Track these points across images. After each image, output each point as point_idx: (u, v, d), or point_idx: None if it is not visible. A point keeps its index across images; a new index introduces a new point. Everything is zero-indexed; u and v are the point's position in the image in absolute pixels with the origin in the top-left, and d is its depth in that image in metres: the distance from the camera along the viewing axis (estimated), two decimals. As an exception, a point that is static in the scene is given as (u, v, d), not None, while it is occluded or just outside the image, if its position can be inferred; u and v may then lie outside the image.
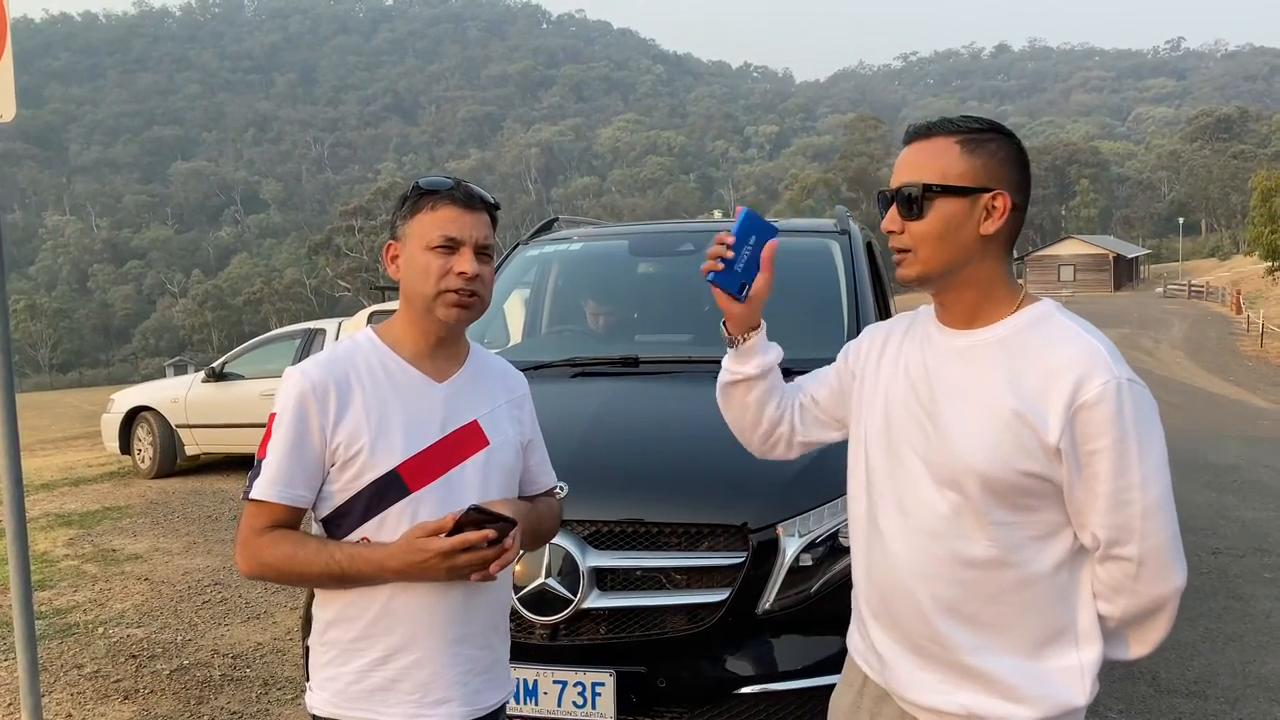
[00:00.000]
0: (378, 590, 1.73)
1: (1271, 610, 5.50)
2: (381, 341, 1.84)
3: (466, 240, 1.78)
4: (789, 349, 1.97)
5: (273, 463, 1.72)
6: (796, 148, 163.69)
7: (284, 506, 1.72)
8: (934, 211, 1.59)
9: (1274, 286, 33.72)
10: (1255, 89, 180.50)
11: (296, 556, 1.70)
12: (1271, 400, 16.46)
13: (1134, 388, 1.52)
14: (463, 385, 1.87)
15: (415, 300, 1.79)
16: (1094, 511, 1.52)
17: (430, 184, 1.82)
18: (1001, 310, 1.63)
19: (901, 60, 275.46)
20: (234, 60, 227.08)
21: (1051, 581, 1.57)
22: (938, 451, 1.60)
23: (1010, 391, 1.54)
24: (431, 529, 1.66)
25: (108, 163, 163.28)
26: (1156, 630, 1.59)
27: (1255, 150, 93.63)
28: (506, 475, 1.89)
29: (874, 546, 1.72)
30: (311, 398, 1.72)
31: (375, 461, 1.73)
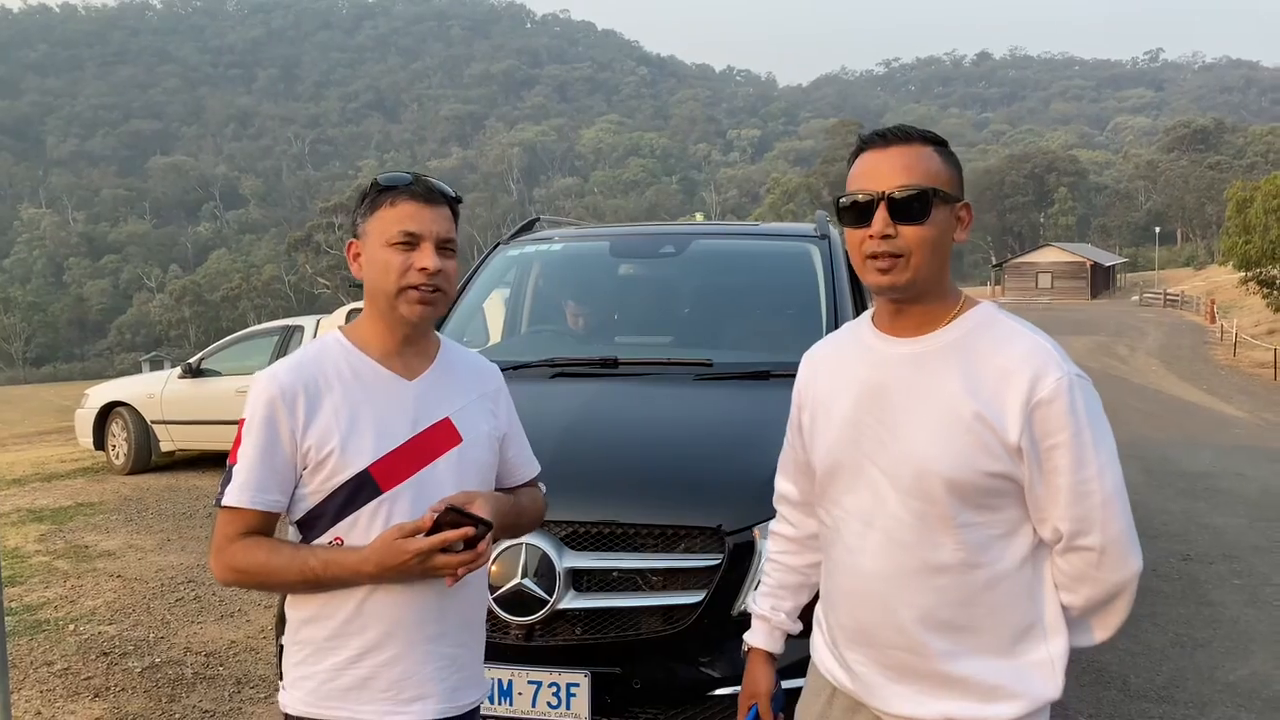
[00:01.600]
0: (353, 590, 1.73)
1: (1240, 616, 5.56)
2: (349, 342, 1.83)
3: (427, 235, 1.76)
4: (768, 351, 1.99)
5: (244, 469, 1.71)
6: (778, 151, 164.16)
7: (257, 512, 1.72)
8: (934, 217, 1.58)
9: (1247, 296, 34.07)
10: (1231, 101, 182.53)
11: (270, 563, 1.70)
12: (1243, 409, 16.64)
13: (1083, 383, 1.55)
14: (433, 382, 1.86)
15: (378, 298, 1.79)
16: (1055, 505, 1.55)
17: (389, 180, 1.81)
18: (945, 315, 1.64)
19: (884, 66, 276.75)
20: (215, 55, 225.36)
21: (1017, 578, 1.60)
22: (899, 461, 1.60)
23: (967, 394, 1.56)
24: (410, 530, 1.65)
25: (85, 156, 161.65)
26: (1117, 614, 1.64)
27: (1231, 161, 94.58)
28: (481, 471, 1.88)
29: (842, 565, 1.72)
30: (280, 402, 1.72)
31: (346, 463, 1.72)
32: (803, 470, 1.85)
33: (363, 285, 1.84)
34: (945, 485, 1.56)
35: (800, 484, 1.89)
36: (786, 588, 1.96)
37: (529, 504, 2.04)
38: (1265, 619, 5.52)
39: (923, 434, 1.58)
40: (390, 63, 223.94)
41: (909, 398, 1.61)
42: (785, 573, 1.96)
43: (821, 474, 1.75)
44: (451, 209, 1.84)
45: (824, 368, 1.80)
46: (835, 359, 1.79)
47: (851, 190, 1.62)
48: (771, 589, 1.98)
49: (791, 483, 1.92)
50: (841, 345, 1.81)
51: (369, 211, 1.80)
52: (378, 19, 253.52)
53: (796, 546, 1.95)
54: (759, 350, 3.80)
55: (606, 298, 4.58)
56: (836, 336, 1.86)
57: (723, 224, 6.22)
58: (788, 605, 1.96)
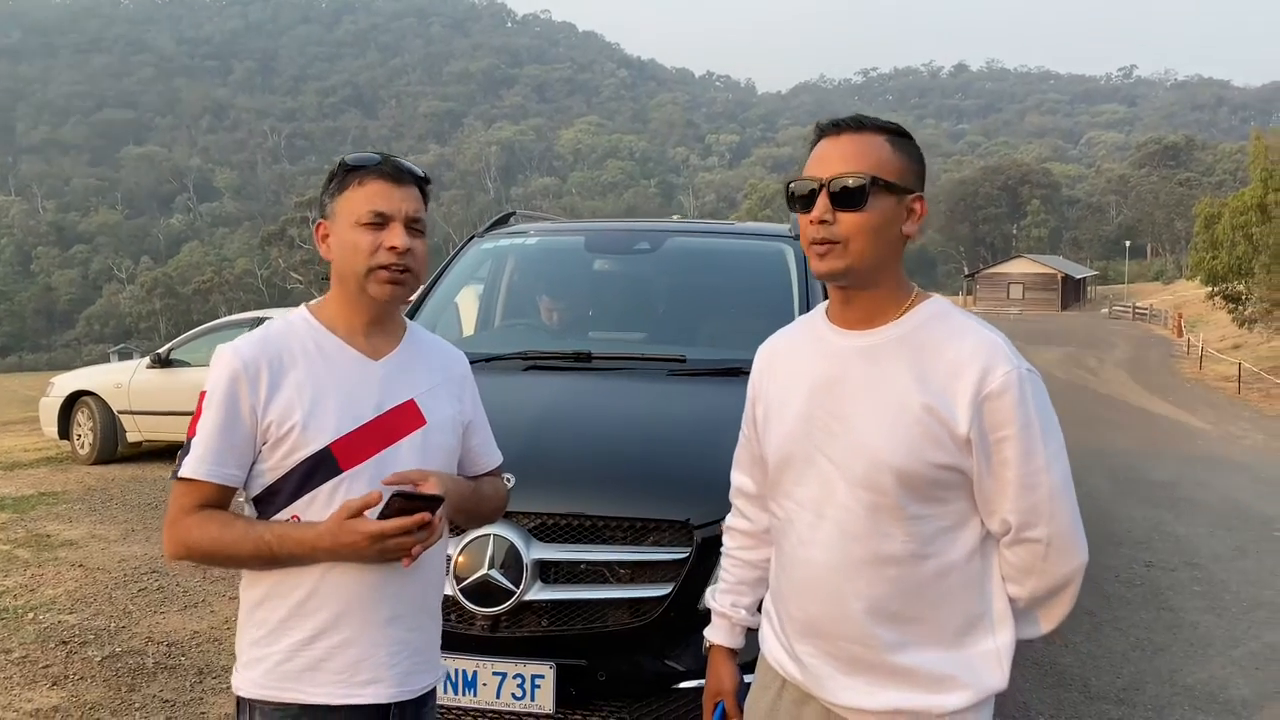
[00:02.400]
0: (309, 570, 1.71)
1: (1199, 622, 5.64)
2: (316, 320, 1.82)
3: (396, 215, 1.76)
4: (741, 349, 2.00)
5: (202, 441, 1.70)
6: (756, 157, 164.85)
7: (213, 485, 1.70)
8: (873, 205, 1.58)
9: (1214, 311, 34.53)
10: (1202, 119, 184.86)
11: (223, 537, 1.68)
12: (1208, 421, 16.86)
13: (1032, 376, 1.57)
14: (400, 364, 1.85)
15: (347, 278, 1.78)
16: (1004, 497, 1.57)
17: (357, 160, 1.80)
18: (897, 308, 1.65)
19: (862, 76, 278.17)
20: (191, 45, 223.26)
21: (965, 570, 1.62)
22: (850, 452, 1.61)
23: (918, 387, 1.57)
24: (357, 506, 1.64)
25: (56, 144, 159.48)
26: (1062, 606, 1.66)
27: (1200, 178, 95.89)
28: (444, 454, 1.87)
29: (793, 557, 1.72)
30: (243, 376, 1.70)
31: (307, 439, 1.71)
32: (758, 463, 1.85)
33: (331, 267, 1.82)
34: (895, 477, 1.57)
35: (756, 477, 1.89)
36: (745, 583, 1.96)
37: (490, 492, 2.02)
38: (1223, 624, 5.60)
39: (873, 426, 1.59)
40: (369, 58, 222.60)
41: (860, 390, 1.62)
42: (743, 568, 1.96)
43: (773, 466, 1.75)
44: (420, 189, 1.83)
45: (778, 360, 1.81)
46: (789, 352, 1.79)
47: (800, 177, 1.65)
48: (731, 585, 1.98)
49: (747, 476, 1.93)
50: (795, 338, 1.81)
51: (337, 191, 1.79)
52: (357, 14, 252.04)
53: (753, 541, 1.94)
54: (732, 347, 3.80)
55: (581, 293, 4.58)
56: (791, 329, 1.86)
57: (698, 222, 6.22)
58: (747, 600, 1.96)
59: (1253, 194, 27.61)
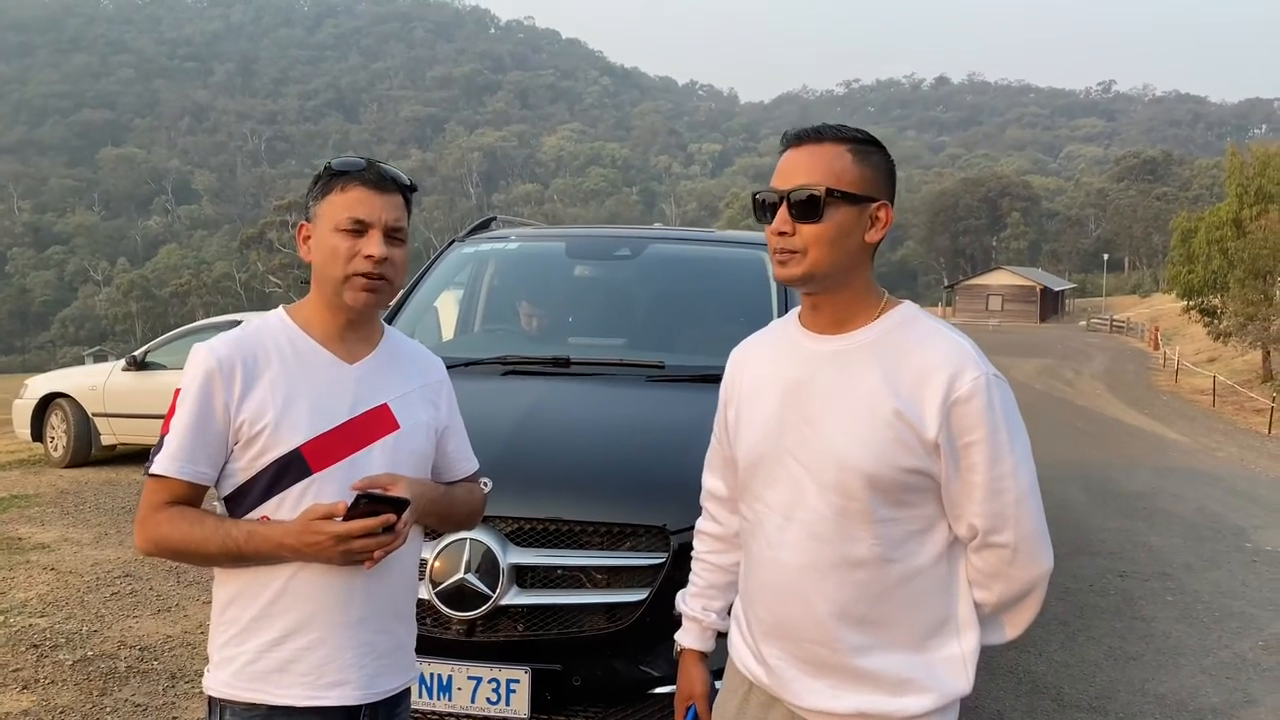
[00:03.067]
0: (278, 569, 1.72)
1: (1171, 631, 5.69)
2: (292, 321, 1.83)
3: (375, 222, 1.75)
4: (720, 356, 2.01)
5: (175, 438, 1.70)
6: (739, 167, 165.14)
7: (185, 483, 1.71)
8: (830, 216, 1.60)
9: (1190, 324, 34.87)
10: (1179, 134, 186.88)
11: (194, 534, 1.68)
12: (1183, 433, 17.02)
13: (1000, 382, 1.59)
14: (375, 368, 1.85)
15: (324, 282, 1.79)
16: (971, 501, 1.59)
17: (342, 164, 1.80)
18: (868, 314, 1.67)
19: (844, 87, 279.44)
20: (171, 46, 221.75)
21: (932, 574, 1.64)
22: (820, 455, 1.62)
23: (887, 391, 1.59)
24: (324, 512, 1.65)
25: (33, 144, 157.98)
26: (1027, 612, 1.68)
27: (1177, 193, 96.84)
28: (417, 460, 1.87)
29: (762, 559, 1.73)
30: (218, 374, 1.71)
31: (278, 440, 1.71)
32: (729, 466, 1.87)
33: (311, 269, 1.83)
34: (864, 481, 1.58)
35: (727, 480, 1.90)
36: (716, 587, 1.97)
37: (464, 496, 2.02)
38: (1195, 634, 5.66)
39: (843, 430, 1.60)
40: (351, 62, 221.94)
41: (830, 394, 1.64)
42: (714, 572, 1.97)
43: (744, 469, 1.77)
44: (404, 196, 1.83)
45: (750, 364, 1.82)
46: (761, 356, 1.81)
47: (765, 188, 1.67)
48: (701, 589, 1.99)
49: (719, 479, 1.94)
50: (768, 342, 1.83)
51: (321, 195, 1.79)
52: (340, 17, 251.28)
53: (724, 545, 1.96)
54: (711, 354, 3.79)
55: (561, 298, 4.58)
56: (764, 334, 1.88)
57: (678, 229, 6.24)
58: (718, 604, 1.97)
59: (1228, 209, 27.99)
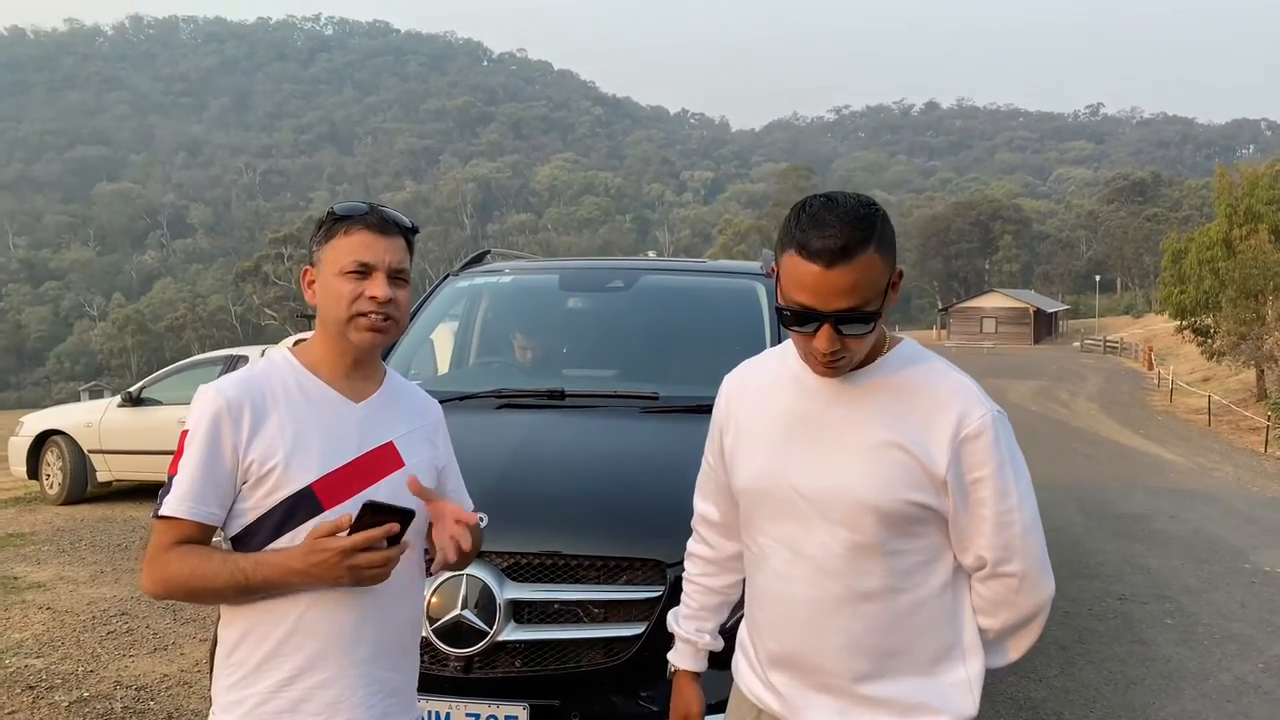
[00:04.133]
0: (287, 608, 1.72)
1: (1172, 655, 5.68)
2: (299, 362, 1.86)
3: (379, 265, 1.80)
4: (714, 386, 2.02)
5: (184, 479, 1.71)
6: (731, 194, 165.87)
7: (194, 523, 1.72)
8: (876, 322, 1.59)
9: (1183, 344, 34.96)
10: (1168, 155, 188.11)
11: (201, 569, 1.69)
12: (1179, 453, 17.02)
13: (1002, 418, 1.63)
14: (379, 407, 1.89)
15: (330, 324, 1.82)
16: (980, 534, 1.62)
17: (345, 209, 1.85)
18: (873, 352, 1.67)
19: (834, 113, 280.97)
20: (167, 82, 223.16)
21: (938, 602, 1.67)
22: (828, 491, 1.64)
23: (894, 428, 1.61)
24: (329, 528, 1.65)
25: (28, 180, 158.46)
26: (1030, 636, 1.72)
27: (1167, 213, 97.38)
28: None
29: (770, 592, 1.75)
30: (226, 415, 1.73)
31: (289, 478, 1.73)
32: (723, 492, 1.88)
33: (314, 315, 1.86)
34: (874, 515, 1.60)
35: (721, 505, 1.91)
36: (708, 609, 2.00)
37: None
38: (1195, 658, 5.64)
39: (851, 465, 1.62)
40: (345, 95, 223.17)
41: (836, 429, 1.66)
42: (705, 594, 2.00)
43: (746, 501, 1.78)
44: (406, 239, 1.87)
45: (748, 392, 1.83)
46: (761, 385, 1.81)
47: (794, 302, 1.56)
48: (694, 611, 2.01)
49: (711, 504, 1.95)
50: (766, 372, 1.83)
51: (324, 239, 1.83)
52: (333, 51, 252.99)
53: (716, 568, 1.98)
54: (704, 384, 3.80)
55: (555, 330, 4.60)
56: (761, 361, 1.88)
57: (671, 260, 6.28)
58: (710, 625, 2.00)
59: (1218, 229, 28.09)
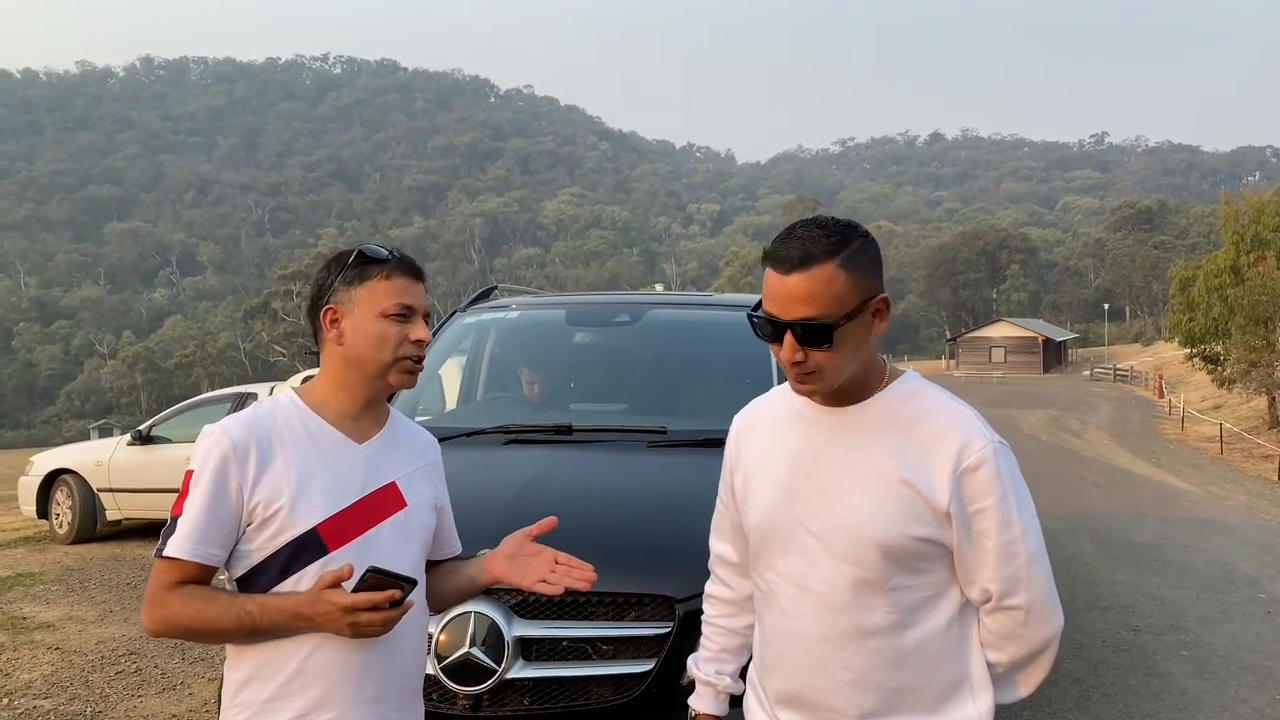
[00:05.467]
0: (294, 649, 1.73)
1: (1188, 688, 5.61)
2: (304, 403, 1.86)
3: (418, 308, 1.85)
4: (722, 420, 2.03)
5: (189, 520, 1.71)
6: (737, 226, 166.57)
7: (196, 564, 1.72)
8: (840, 339, 1.57)
9: (1194, 372, 34.84)
10: (1174, 183, 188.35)
11: (207, 611, 1.69)
12: (1191, 482, 16.90)
13: (1004, 449, 1.63)
14: (382, 447, 1.90)
15: (366, 366, 1.83)
16: (984, 567, 1.61)
17: (377, 252, 1.87)
18: (872, 386, 1.68)
19: (839, 145, 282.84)
20: (176, 122, 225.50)
21: (946, 637, 1.66)
22: (832, 527, 1.64)
23: (896, 461, 1.61)
24: (331, 579, 1.65)
25: (40, 220, 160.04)
26: (1040, 670, 1.70)
27: (1174, 241, 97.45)
28: (424, 535, 1.93)
29: (777, 629, 1.74)
30: (232, 456, 1.73)
31: (295, 521, 1.74)
32: (738, 532, 1.88)
33: (318, 352, 1.87)
34: (878, 550, 1.60)
35: (737, 546, 1.91)
36: (728, 650, 1.98)
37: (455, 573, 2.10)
38: (1212, 690, 5.57)
39: (855, 500, 1.62)
40: (353, 133, 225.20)
41: (840, 464, 1.66)
42: (725, 636, 1.98)
43: (755, 538, 1.78)
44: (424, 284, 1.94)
45: (756, 430, 1.84)
46: (767, 422, 1.82)
47: (762, 309, 1.62)
48: (714, 653, 1.99)
49: (728, 544, 1.95)
50: (773, 409, 1.84)
51: (357, 280, 1.84)
52: (342, 90, 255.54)
53: (734, 609, 1.96)
54: (712, 418, 3.81)
55: (562, 365, 4.62)
56: (769, 399, 1.89)
57: (677, 294, 6.31)
58: (730, 667, 1.98)
59: (1225, 256, 28.09)
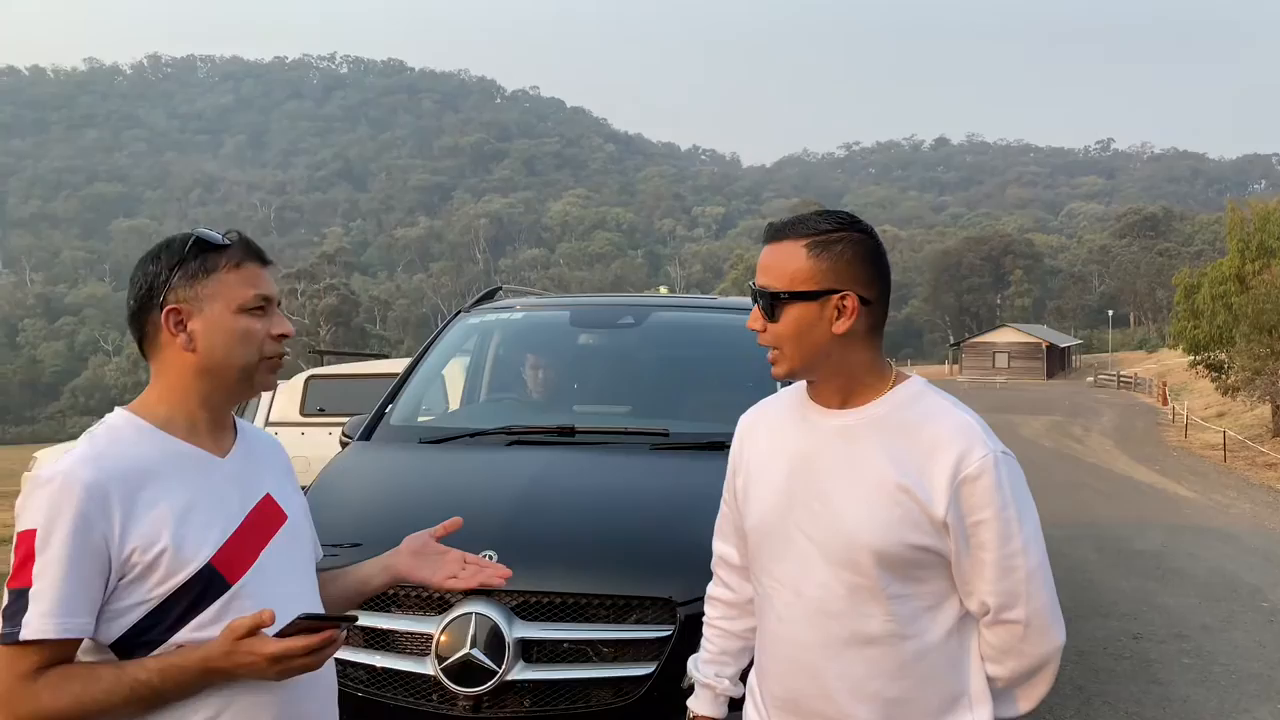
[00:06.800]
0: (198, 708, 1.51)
1: (1190, 695, 5.60)
2: (147, 423, 1.59)
3: (274, 298, 1.65)
4: (724, 422, 2.03)
5: (48, 590, 1.42)
6: (742, 229, 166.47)
7: (61, 642, 1.43)
8: (786, 315, 1.64)
9: (1198, 379, 34.79)
10: (1179, 190, 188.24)
11: (90, 693, 1.43)
12: (1194, 489, 16.86)
13: (1008, 460, 1.60)
14: (244, 457, 1.68)
15: (227, 371, 1.60)
16: (982, 579, 1.59)
17: (214, 238, 1.62)
18: (875, 391, 1.68)
19: (845, 149, 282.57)
20: (183, 120, 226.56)
21: (944, 649, 1.64)
22: (829, 531, 1.63)
23: (893, 468, 1.59)
24: (247, 628, 1.44)
25: (46, 217, 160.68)
26: (1041, 686, 1.68)
27: (1179, 248, 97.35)
28: (309, 545, 1.77)
29: (773, 634, 1.74)
30: (88, 502, 1.44)
31: (184, 560, 1.50)
32: (740, 534, 1.87)
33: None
34: (873, 557, 1.59)
35: (740, 548, 1.90)
36: (728, 653, 1.97)
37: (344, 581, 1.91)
38: (1214, 698, 5.56)
39: (851, 506, 1.61)
40: (359, 132, 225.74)
41: (838, 469, 1.65)
42: (726, 638, 1.97)
43: (753, 541, 1.78)
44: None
45: (759, 433, 1.84)
46: (770, 425, 1.82)
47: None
48: (714, 655, 1.99)
49: (731, 546, 1.94)
50: (776, 412, 1.84)
51: (203, 273, 1.59)
52: (348, 90, 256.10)
53: (735, 611, 1.96)
54: (716, 421, 3.81)
55: (566, 367, 4.62)
56: (773, 402, 1.89)
57: (681, 296, 6.31)
58: (730, 670, 1.97)
59: (1230, 264, 28.04)
